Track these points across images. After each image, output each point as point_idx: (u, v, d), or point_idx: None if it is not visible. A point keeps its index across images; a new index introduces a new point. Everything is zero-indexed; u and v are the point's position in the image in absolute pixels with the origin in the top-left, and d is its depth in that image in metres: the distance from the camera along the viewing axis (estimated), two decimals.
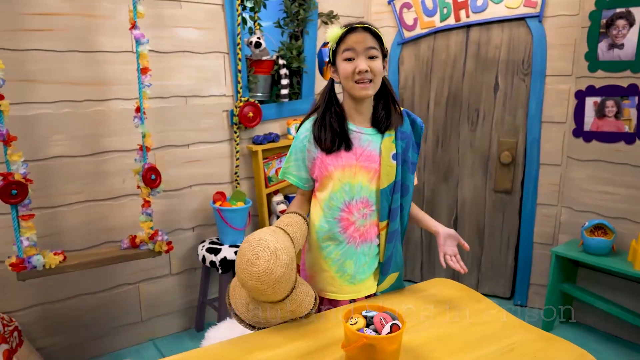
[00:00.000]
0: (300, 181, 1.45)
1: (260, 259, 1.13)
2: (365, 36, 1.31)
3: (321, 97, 1.42)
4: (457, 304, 1.42)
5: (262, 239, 1.16)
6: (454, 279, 3.03)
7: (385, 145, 1.41)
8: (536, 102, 2.64)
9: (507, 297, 2.97)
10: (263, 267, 1.13)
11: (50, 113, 2.05)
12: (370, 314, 1.12)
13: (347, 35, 1.31)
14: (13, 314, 2.08)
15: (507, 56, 2.69)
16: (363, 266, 1.45)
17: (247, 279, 1.14)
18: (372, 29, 1.33)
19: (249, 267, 1.13)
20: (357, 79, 1.31)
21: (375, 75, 1.33)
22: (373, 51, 1.32)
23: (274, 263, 1.14)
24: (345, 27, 1.32)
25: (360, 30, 1.31)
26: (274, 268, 1.13)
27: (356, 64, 1.30)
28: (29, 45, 1.96)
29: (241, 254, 1.16)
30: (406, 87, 3.00)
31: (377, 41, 1.33)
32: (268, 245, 1.15)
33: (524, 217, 2.79)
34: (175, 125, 2.38)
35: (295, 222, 1.32)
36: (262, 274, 1.12)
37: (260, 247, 1.15)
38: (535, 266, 2.81)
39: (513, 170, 2.78)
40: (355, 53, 1.31)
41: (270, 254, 1.14)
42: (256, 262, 1.13)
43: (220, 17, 2.42)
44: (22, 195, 1.77)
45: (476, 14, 2.68)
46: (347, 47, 1.31)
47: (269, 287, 1.14)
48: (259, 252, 1.14)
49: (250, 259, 1.13)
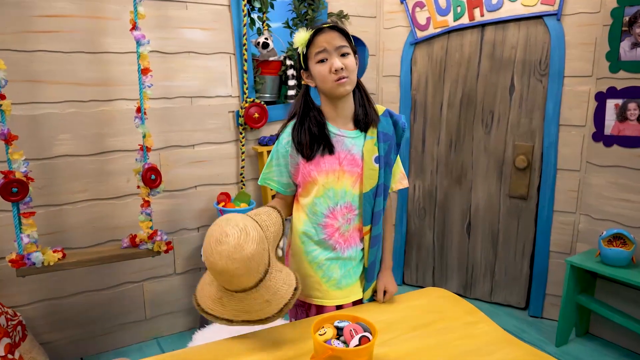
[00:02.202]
0: (282, 187, 1.42)
1: (230, 237, 1.07)
2: (334, 35, 1.29)
3: (297, 103, 1.39)
4: (446, 315, 1.36)
5: (229, 218, 1.12)
6: (467, 287, 2.96)
7: (367, 148, 1.38)
8: (554, 104, 2.52)
9: (522, 308, 2.85)
10: (233, 244, 1.06)
11: (57, 113, 2.09)
12: (342, 324, 1.08)
13: (315, 37, 1.29)
14: (19, 309, 2.14)
15: (524, 56, 2.58)
16: (349, 270, 1.42)
17: (217, 260, 1.07)
18: (340, 27, 1.31)
19: (217, 247, 1.07)
20: (335, 78, 1.28)
21: (350, 71, 1.30)
22: (344, 49, 1.30)
23: (244, 239, 1.08)
24: (312, 30, 1.30)
25: (327, 30, 1.29)
26: (244, 244, 1.07)
27: (330, 63, 1.28)
28: (36, 46, 2.01)
29: (209, 236, 1.10)
30: (419, 89, 2.93)
31: (346, 39, 1.31)
32: (237, 222, 1.10)
33: (539, 225, 2.67)
34: (180, 125, 2.39)
35: (264, 212, 1.27)
36: (232, 251, 1.06)
37: (229, 225, 1.09)
38: (552, 276, 2.68)
39: (529, 175, 2.67)
40: (327, 53, 1.28)
41: (239, 230, 1.08)
42: (225, 239, 1.07)
43: (227, 17, 2.42)
44: (23, 193, 1.81)
45: (491, 12, 2.58)
46: (318, 49, 1.29)
47: (240, 264, 1.07)
48: (227, 230, 1.08)
49: (219, 237, 1.08)
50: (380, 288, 1.45)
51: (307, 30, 1.30)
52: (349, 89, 1.33)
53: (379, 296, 1.44)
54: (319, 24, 1.31)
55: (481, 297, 2.97)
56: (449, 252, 3.02)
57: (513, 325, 2.68)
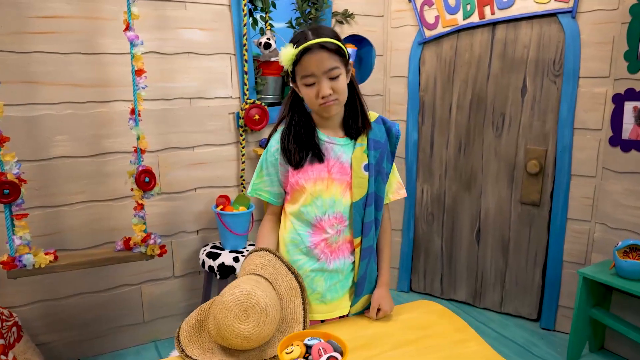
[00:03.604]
0: (274, 197, 1.37)
1: (250, 317, 1.04)
2: (322, 56, 1.17)
3: (284, 107, 1.32)
4: (434, 331, 1.28)
5: (250, 293, 1.06)
6: (476, 296, 2.84)
7: (356, 156, 1.31)
8: (568, 106, 2.39)
9: (534, 319, 2.72)
10: (252, 325, 1.04)
11: (54, 114, 2.09)
12: (312, 342, 1.02)
13: (302, 57, 1.18)
14: (16, 309, 2.14)
15: (537, 56, 2.46)
16: (335, 285, 1.34)
17: (233, 338, 1.04)
18: (329, 46, 1.18)
19: (235, 325, 1.04)
20: (321, 103, 1.21)
21: (340, 94, 1.23)
22: (334, 71, 1.19)
23: (264, 321, 1.06)
24: (299, 47, 1.17)
25: (316, 50, 1.17)
26: (264, 326, 1.05)
27: (318, 88, 1.20)
28: (33, 47, 2.00)
29: (226, 308, 1.05)
30: (427, 90, 2.83)
31: (337, 56, 1.20)
32: (258, 301, 1.06)
33: (552, 233, 2.54)
34: (179, 127, 2.36)
35: (268, 262, 1.23)
36: (251, 333, 1.04)
37: (250, 302, 1.05)
38: (565, 287, 2.55)
39: (541, 181, 2.54)
40: (315, 77, 1.19)
41: (260, 311, 1.05)
42: (245, 320, 1.04)
43: (227, 17, 2.38)
44: (15, 195, 1.80)
45: (502, 10, 2.47)
46: (305, 73, 1.19)
47: (255, 344, 1.06)
48: (248, 308, 1.04)
49: (238, 314, 1.04)
50: (374, 305, 1.34)
51: (294, 47, 1.19)
52: (337, 111, 1.27)
53: (372, 313, 1.34)
54: (307, 36, 1.19)
55: (491, 307, 2.85)
56: (458, 259, 2.92)
57: (523, 337, 2.56)
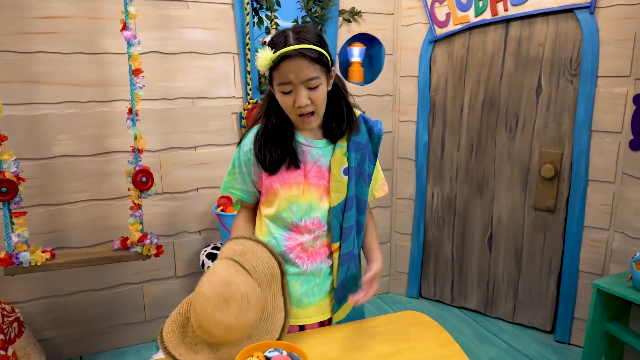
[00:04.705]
0: (246, 195, 1.33)
1: (231, 306, 0.99)
2: (302, 65, 1.09)
3: (262, 108, 1.27)
4: (416, 345, 1.21)
5: (230, 282, 1.02)
6: (487, 304, 2.73)
7: (335, 159, 1.25)
8: (585, 107, 2.26)
9: (548, 331, 2.59)
10: (234, 314, 0.99)
11: (56, 113, 2.11)
12: (272, 354, 0.97)
13: (281, 63, 1.10)
14: (19, 305, 2.18)
15: (552, 54, 2.33)
16: (312, 289, 1.30)
17: (213, 328, 0.99)
18: (309, 54, 1.09)
19: (216, 315, 0.98)
20: (298, 113, 1.16)
21: (318, 105, 1.17)
22: (313, 81, 1.12)
23: (246, 308, 1.01)
24: (278, 52, 1.09)
25: (295, 57, 1.09)
26: (245, 313, 1.01)
27: (294, 97, 1.13)
28: (35, 47, 2.03)
29: (204, 298, 1.00)
30: (438, 90, 2.73)
31: (318, 65, 1.12)
32: (239, 289, 1.01)
33: (568, 241, 2.41)
34: (181, 127, 2.35)
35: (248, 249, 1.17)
36: (233, 322, 1.00)
37: (230, 291, 1.00)
38: (581, 298, 2.42)
39: (557, 186, 2.41)
40: (292, 85, 1.12)
41: (241, 299, 1.00)
42: (226, 309, 0.99)
43: (230, 17, 2.35)
44: (13, 193, 1.82)
45: (516, 6, 2.35)
46: (282, 80, 1.12)
47: (239, 334, 1.03)
48: (228, 297, 1.00)
49: (218, 304, 0.99)
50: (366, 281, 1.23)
51: (272, 51, 1.10)
52: (314, 125, 1.21)
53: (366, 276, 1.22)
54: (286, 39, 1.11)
55: (503, 316, 2.73)
56: (469, 266, 2.81)
57: (536, 350, 2.44)
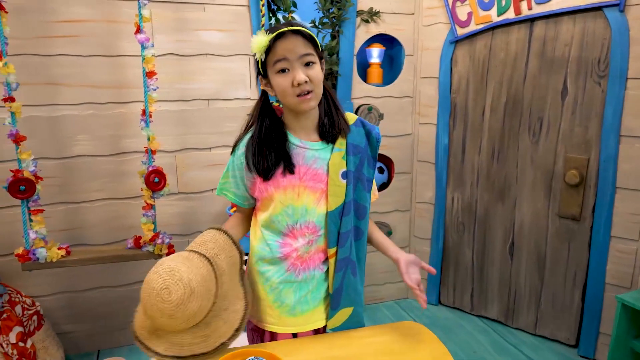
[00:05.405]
0: (239, 199, 1.32)
1: (172, 294, 0.99)
2: (297, 41, 1.12)
3: (254, 111, 1.26)
4: (408, 358, 1.17)
5: (173, 270, 1.02)
6: (508, 314, 2.62)
7: (333, 162, 1.23)
8: (614, 110, 2.14)
9: (572, 345, 2.47)
10: (176, 302, 0.99)
11: (75, 114, 2.18)
12: None
13: (275, 43, 1.12)
14: (39, 299, 2.26)
15: (579, 55, 2.22)
16: (305, 296, 1.28)
17: (157, 316, 1.00)
18: (304, 32, 1.13)
19: (158, 303, 0.99)
20: (297, 93, 1.13)
21: (315, 84, 1.15)
22: (309, 57, 1.13)
23: (188, 297, 1.00)
24: (272, 34, 1.12)
25: (289, 35, 1.12)
26: (187, 302, 1.00)
27: (292, 75, 1.12)
28: (56, 50, 2.10)
29: (149, 286, 1.01)
30: (459, 91, 2.65)
31: (311, 44, 1.14)
32: (181, 276, 1.01)
33: (593, 251, 2.29)
34: (197, 128, 2.38)
35: (210, 238, 1.16)
36: (174, 310, 0.99)
37: (172, 279, 1.00)
38: (607, 312, 2.29)
39: (582, 193, 2.29)
40: (288, 63, 1.12)
41: (183, 287, 1.00)
42: (167, 297, 0.99)
43: (246, 19, 2.36)
44: (31, 191, 1.89)
45: (540, 4, 2.25)
46: (278, 57, 1.12)
47: (181, 322, 1.02)
48: (170, 285, 1.00)
49: (160, 293, 0.99)
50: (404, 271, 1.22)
51: (267, 34, 1.13)
52: (313, 105, 1.18)
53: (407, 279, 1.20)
54: (280, 26, 1.14)
55: (525, 327, 2.62)
56: (490, 274, 2.71)
57: None
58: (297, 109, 1.18)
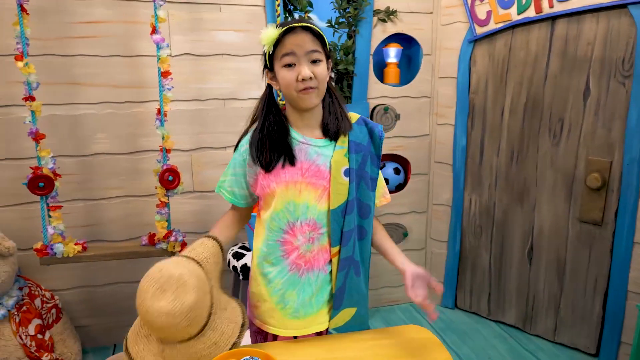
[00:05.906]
0: (235, 197, 1.32)
1: (167, 291, 0.99)
2: (306, 38, 1.14)
3: (258, 105, 1.27)
4: None
5: (161, 269, 1.02)
6: (527, 320, 2.56)
7: (336, 159, 1.22)
8: (638, 112, 2.06)
9: (592, 354, 2.39)
10: (171, 298, 0.99)
11: (95, 113, 2.23)
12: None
13: (284, 37, 1.14)
14: (58, 292, 2.32)
15: (603, 54, 2.14)
16: (309, 299, 1.27)
17: (156, 318, 0.99)
18: (314, 29, 1.15)
19: (154, 304, 0.99)
20: (301, 88, 1.15)
21: (320, 81, 1.16)
22: (316, 54, 1.15)
23: (183, 290, 1.00)
24: (282, 28, 1.14)
25: (299, 30, 1.14)
26: (183, 296, 1.00)
27: (298, 70, 1.14)
28: (76, 51, 2.15)
29: (143, 292, 1.00)
30: (478, 92, 2.60)
31: (319, 42, 1.16)
32: (171, 273, 1.01)
33: (615, 257, 2.21)
34: (212, 127, 2.40)
35: (198, 244, 1.17)
36: (171, 306, 0.99)
37: (163, 277, 1.00)
38: (629, 320, 2.21)
39: (605, 197, 2.22)
40: (295, 58, 1.14)
41: (175, 281, 1.00)
42: (162, 295, 0.99)
43: (261, 19, 2.37)
44: (49, 188, 1.94)
45: (562, 2, 2.19)
46: (286, 51, 1.14)
47: (182, 318, 1.01)
48: (162, 283, 1.00)
49: (154, 293, 0.99)
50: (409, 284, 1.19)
51: (277, 28, 1.16)
52: (316, 102, 1.19)
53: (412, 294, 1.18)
54: (291, 22, 1.16)
55: (543, 334, 2.55)
56: (508, 278, 2.65)
57: None
58: (299, 104, 1.19)
